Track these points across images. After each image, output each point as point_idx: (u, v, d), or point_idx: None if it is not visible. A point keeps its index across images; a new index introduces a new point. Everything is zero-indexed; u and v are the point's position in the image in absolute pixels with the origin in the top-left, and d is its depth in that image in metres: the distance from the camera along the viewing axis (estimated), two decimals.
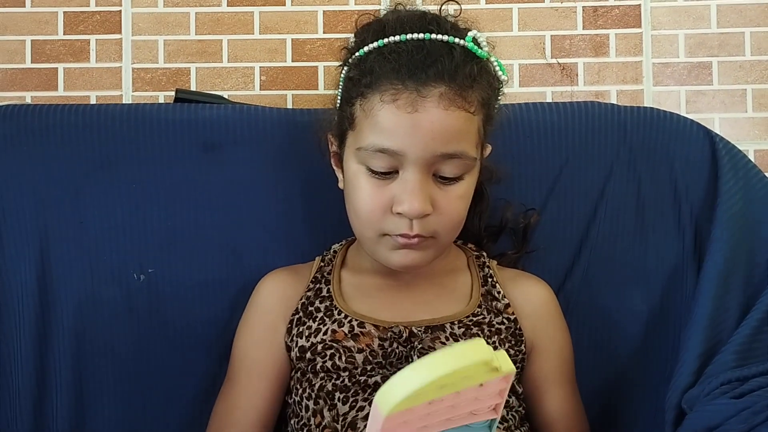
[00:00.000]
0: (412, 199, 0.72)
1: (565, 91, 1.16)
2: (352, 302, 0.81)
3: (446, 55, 0.72)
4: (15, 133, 0.93)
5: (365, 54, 0.76)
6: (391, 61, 0.72)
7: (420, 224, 0.74)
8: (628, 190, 0.94)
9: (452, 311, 0.80)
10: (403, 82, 0.71)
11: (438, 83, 0.71)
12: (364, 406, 0.73)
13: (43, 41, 1.15)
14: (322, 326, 0.79)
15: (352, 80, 0.76)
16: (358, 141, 0.75)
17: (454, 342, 0.76)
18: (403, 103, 0.71)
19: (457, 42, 0.74)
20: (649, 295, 0.92)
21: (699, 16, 1.17)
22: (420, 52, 0.72)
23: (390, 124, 0.72)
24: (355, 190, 0.76)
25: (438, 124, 0.71)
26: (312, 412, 0.76)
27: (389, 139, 0.72)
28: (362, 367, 0.75)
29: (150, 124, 0.94)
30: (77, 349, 0.90)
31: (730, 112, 1.16)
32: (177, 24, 1.15)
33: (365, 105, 0.74)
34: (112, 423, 0.90)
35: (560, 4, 1.17)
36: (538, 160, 0.95)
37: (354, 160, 0.76)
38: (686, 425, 0.70)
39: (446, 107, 0.71)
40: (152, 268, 0.91)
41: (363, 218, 0.76)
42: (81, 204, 0.92)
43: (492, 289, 0.83)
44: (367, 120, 0.73)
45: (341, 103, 0.79)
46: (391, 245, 0.76)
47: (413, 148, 0.71)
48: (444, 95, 0.71)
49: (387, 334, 0.76)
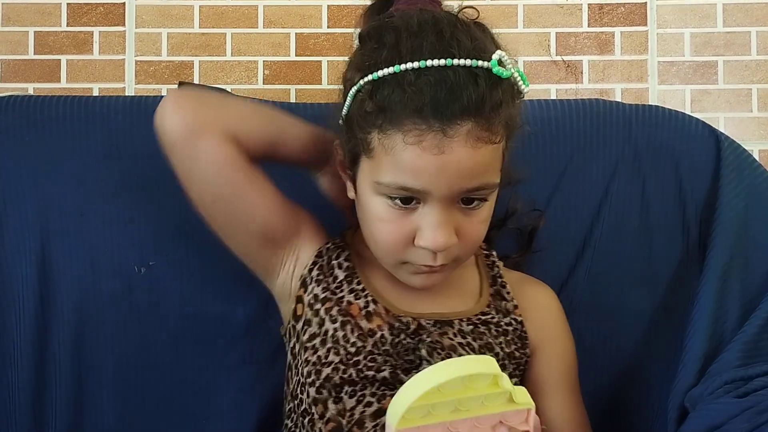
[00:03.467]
0: (437, 235, 0.69)
1: (570, 88, 1.16)
2: (368, 278, 0.79)
3: (471, 86, 0.67)
4: (17, 124, 0.92)
5: (380, 80, 0.69)
6: (413, 99, 0.66)
7: (444, 254, 0.72)
8: (632, 189, 0.93)
9: (461, 307, 0.79)
10: (427, 121, 0.66)
11: (464, 119, 0.66)
12: (372, 402, 0.72)
13: (46, 32, 1.15)
14: (339, 291, 0.77)
15: (367, 112, 0.70)
16: (376, 174, 0.70)
17: (461, 338, 0.75)
18: (428, 145, 0.66)
19: (481, 66, 0.68)
20: (653, 294, 0.91)
21: (705, 15, 1.16)
22: (443, 87, 0.66)
23: (414, 166, 0.67)
24: (373, 221, 0.73)
25: (465, 164, 0.67)
26: (313, 400, 0.74)
27: (413, 179, 0.68)
28: (370, 350, 0.74)
29: (153, 117, 0.93)
30: (77, 341, 0.90)
31: (735, 111, 1.16)
32: (181, 17, 1.15)
33: (385, 141, 0.68)
34: (112, 416, 0.90)
35: (566, 2, 1.16)
36: (542, 157, 0.94)
37: (371, 191, 0.72)
38: (689, 424, 0.70)
39: (473, 145, 0.67)
40: (153, 261, 0.91)
41: (383, 248, 0.74)
42: (82, 196, 0.92)
43: (501, 290, 0.82)
44: (388, 157, 0.68)
45: (351, 122, 0.73)
46: (412, 270, 0.74)
47: (439, 188, 0.68)
48: (471, 133, 0.66)
49: (395, 323, 0.75)
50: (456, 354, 0.74)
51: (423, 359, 0.74)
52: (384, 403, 0.71)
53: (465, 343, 0.75)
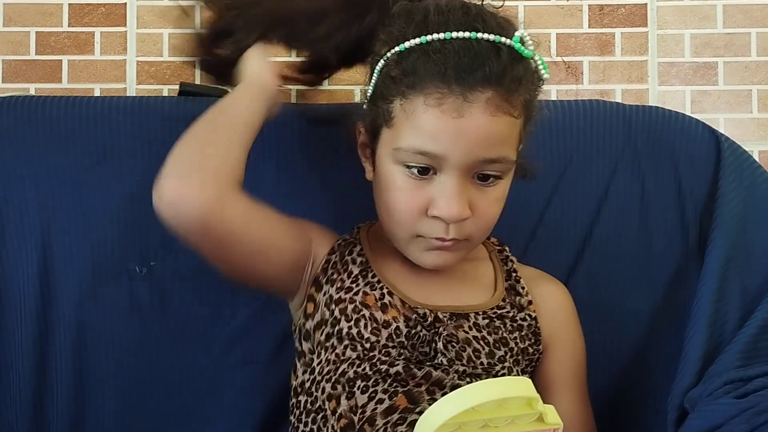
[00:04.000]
0: (451, 204, 0.70)
1: (570, 89, 1.16)
2: (383, 270, 0.79)
3: (493, 57, 0.69)
4: (18, 124, 0.93)
5: (406, 50, 0.72)
6: (437, 63, 0.69)
7: (456, 228, 0.72)
8: (632, 189, 0.94)
9: (476, 301, 0.79)
10: (449, 85, 0.68)
11: (485, 88, 0.68)
12: (384, 398, 0.71)
13: (47, 33, 1.15)
14: (355, 286, 0.77)
15: (392, 78, 0.72)
16: (396, 140, 0.72)
17: (476, 331, 0.75)
18: (448, 108, 0.68)
19: (504, 42, 0.71)
20: (652, 294, 0.91)
21: (705, 16, 1.16)
22: (467, 54, 0.69)
23: (434, 129, 0.69)
24: (389, 190, 0.74)
25: (483, 130, 0.69)
26: (327, 396, 0.74)
27: (432, 143, 0.70)
28: (384, 344, 0.74)
29: (154, 118, 0.94)
30: (78, 341, 0.90)
31: (735, 112, 1.16)
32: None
33: (406, 106, 0.71)
34: (112, 416, 0.90)
35: (566, 3, 1.16)
36: (543, 158, 0.94)
37: (390, 159, 0.73)
38: (688, 425, 0.70)
39: (492, 113, 0.69)
40: (154, 261, 0.91)
41: (397, 219, 0.74)
42: (83, 196, 0.92)
43: (516, 285, 0.82)
44: (408, 121, 0.71)
45: (376, 96, 0.75)
46: (424, 246, 0.75)
47: (456, 153, 0.69)
48: (491, 101, 0.69)
49: (412, 315, 0.75)
50: (470, 347, 0.74)
51: (439, 352, 0.74)
52: (395, 400, 0.71)
53: (480, 337, 0.75)
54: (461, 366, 0.74)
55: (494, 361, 0.75)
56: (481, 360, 0.74)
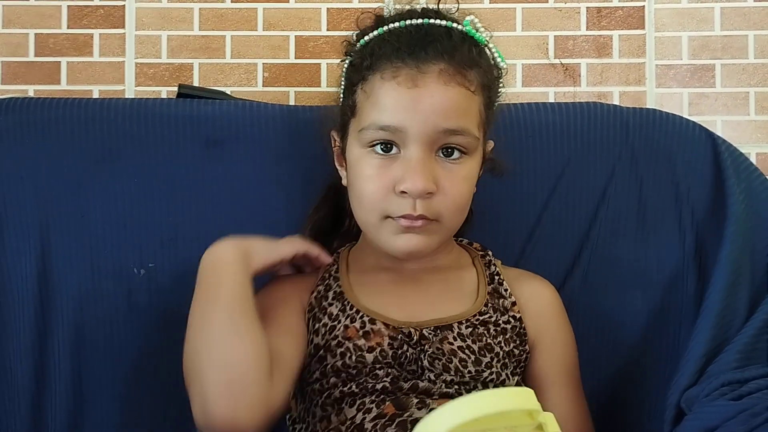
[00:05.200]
0: (415, 177, 0.72)
1: (568, 91, 1.17)
2: (362, 298, 0.80)
3: (445, 36, 0.74)
4: (17, 126, 0.93)
5: (366, 42, 0.78)
6: (392, 42, 0.74)
7: (423, 204, 0.73)
8: (629, 192, 0.94)
9: (459, 310, 0.79)
10: (403, 60, 0.73)
11: (437, 60, 0.73)
12: (372, 408, 0.72)
13: (46, 35, 1.15)
14: (336, 323, 0.78)
15: (353, 66, 0.78)
16: (360, 123, 0.76)
17: (461, 341, 0.76)
18: (403, 80, 0.72)
19: (456, 26, 0.76)
20: (649, 297, 0.91)
21: (702, 19, 1.17)
22: (419, 32, 0.74)
23: (390, 101, 0.73)
24: (358, 176, 0.76)
25: (438, 98, 0.72)
26: (319, 418, 0.75)
27: (390, 115, 0.73)
28: (371, 366, 0.74)
29: (152, 120, 0.94)
30: (77, 343, 0.90)
31: (733, 114, 1.16)
32: (180, 19, 1.16)
33: (366, 87, 0.75)
34: (111, 417, 0.90)
35: (564, 5, 1.17)
36: (540, 160, 0.95)
37: (357, 145, 0.77)
38: (685, 426, 0.70)
39: (446, 82, 0.72)
40: (153, 263, 0.91)
41: (366, 200, 0.76)
42: (82, 198, 0.92)
43: (499, 287, 0.82)
44: (369, 101, 0.75)
45: (344, 95, 0.80)
46: (394, 229, 0.75)
47: (414, 123, 0.72)
48: (444, 71, 0.72)
49: (398, 335, 0.75)
50: (456, 358, 0.75)
51: (425, 369, 0.74)
52: (383, 408, 0.71)
53: (465, 346, 0.76)
54: (449, 376, 0.74)
55: (481, 368, 0.75)
56: (468, 369, 0.75)
